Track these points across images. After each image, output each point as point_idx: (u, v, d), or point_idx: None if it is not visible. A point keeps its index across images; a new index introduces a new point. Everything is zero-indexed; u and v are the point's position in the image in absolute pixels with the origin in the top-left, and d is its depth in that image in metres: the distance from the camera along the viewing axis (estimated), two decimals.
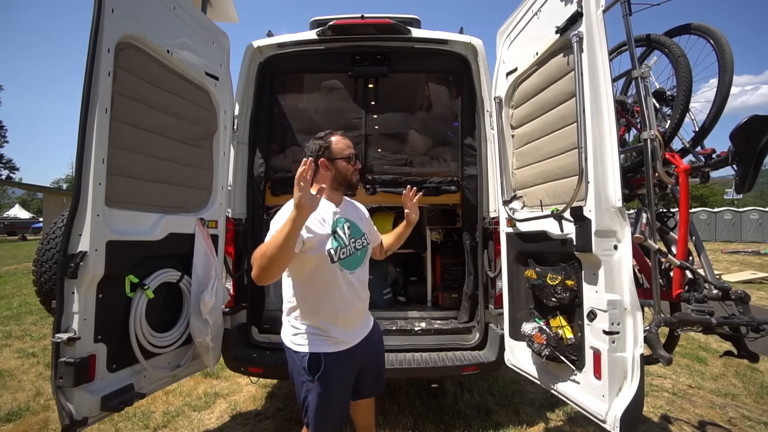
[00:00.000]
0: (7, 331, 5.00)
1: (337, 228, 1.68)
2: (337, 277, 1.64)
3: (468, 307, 2.86)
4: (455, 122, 3.05)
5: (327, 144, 1.73)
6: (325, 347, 1.64)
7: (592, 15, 1.83)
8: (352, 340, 1.71)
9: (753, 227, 21.03)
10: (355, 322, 1.74)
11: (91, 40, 1.73)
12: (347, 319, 1.68)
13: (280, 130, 3.08)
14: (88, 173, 1.74)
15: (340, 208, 1.76)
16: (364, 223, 1.85)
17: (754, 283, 8.70)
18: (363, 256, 1.77)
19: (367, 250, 1.80)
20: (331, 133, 1.77)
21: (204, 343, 2.29)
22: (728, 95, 2.28)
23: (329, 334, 1.65)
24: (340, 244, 1.66)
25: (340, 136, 1.77)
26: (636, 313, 1.77)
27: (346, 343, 1.68)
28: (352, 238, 1.72)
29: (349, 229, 1.73)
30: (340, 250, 1.65)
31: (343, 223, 1.72)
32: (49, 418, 2.82)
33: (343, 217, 1.73)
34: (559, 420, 2.84)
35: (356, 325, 1.74)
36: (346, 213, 1.77)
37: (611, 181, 1.80)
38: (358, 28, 2.81)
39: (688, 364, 3.98)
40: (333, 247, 1.63)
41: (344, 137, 1.78)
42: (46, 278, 2.41)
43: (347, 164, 1.73)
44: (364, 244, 1.78)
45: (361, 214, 1.89)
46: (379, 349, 1.90)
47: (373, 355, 1.84)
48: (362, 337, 1.76)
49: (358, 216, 1.85)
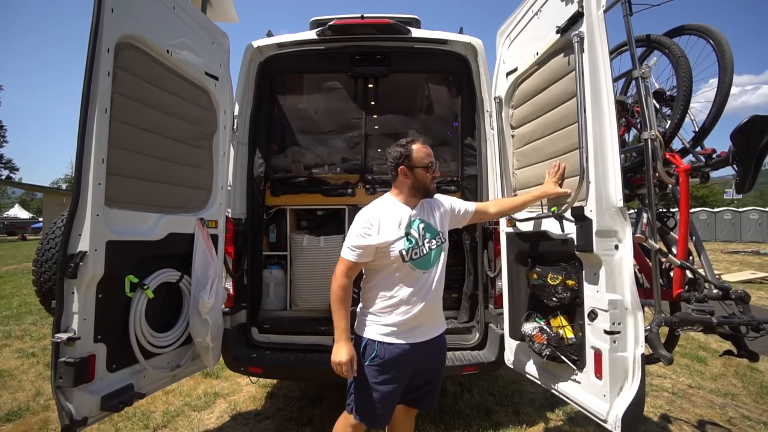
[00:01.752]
0: (7, 331, 4.99)
1: (411, 230, 1.75)
2: (409, 276, 1.72)
3: (468, 307, 2.86)
4: (455, 122, 3.05)
5: (408, 152, 1.79)
6: (383, 336, 1.71)
7: (592, 15, 1.82)
8: (416, 337, 1.75)
9: (753, 227, 21.06)
10: (422, 319, 1.76)
11: (90, 40, 1.73)
12: (414, 316, 1.72)
13: (280, 130, 3.08)
14: (88, 173, 1.74)
15: (416, 209, 1.81)
16: (440, 220, 1.86)
17: (754, 282, 8.71)
18: (438, 256, 1.80)
19: (442, 249, 1.82)
20: (413, 141, 1.82)
21: (204, 343, 2.29)
22: (728, 95, 2.27)
23: (391, 324, 1.71)
24: (412, 244, 1.73)
25: (420, 144, 1.81)
26: (637, 313, 1.77)
27: (408, 339, 1.73)
28: (425, 238, 1.77)
29: (424, 230, 1.79)
30: (412, 250, 1.72)
31: (417, 224, 1.78)
32: (49, 418, 2.82)
33: (418, 219, 1.79)
34: (559, 420, 2.83)
35: (423, 323, 1.77)
36: (421, 214, 1.82)
37: (612, 181, 1.80)
38: (358, 28, 2.81)
39: (688, 363, 3.98)
40: (405, 247, 1.71)
41: (425, 146, 1.82)
42: (46, 278, 2.40)
43: (425, 172, 1.78)
44: (439, 243, 1.81)
45: (438, 210, 1.89)
46: (441, 358, 1.91)
47: (432, 362, 1.85)
48: (428, 338, 1.79)
49: (435, 214, 1.86)
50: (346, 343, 1.70)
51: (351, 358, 1.68)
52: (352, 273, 1.74)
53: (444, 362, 1.94)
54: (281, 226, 3.26)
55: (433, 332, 1.82)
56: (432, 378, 1.87)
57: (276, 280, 3.11)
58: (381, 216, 1.73)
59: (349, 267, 1.72)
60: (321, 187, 3.00)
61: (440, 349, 1.88)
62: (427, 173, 1.78)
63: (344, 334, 1.70)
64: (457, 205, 1.98)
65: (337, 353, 1.69)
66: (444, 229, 1.87)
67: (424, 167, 1.77)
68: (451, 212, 1.94)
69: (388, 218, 1.74)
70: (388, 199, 1.84)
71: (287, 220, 3.22)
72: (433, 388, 1.89)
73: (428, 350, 1.79)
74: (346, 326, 1.71)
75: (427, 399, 1.89)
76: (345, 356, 1.67)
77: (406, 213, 1.78)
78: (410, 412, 1.96)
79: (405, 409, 1.92)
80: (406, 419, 1.96)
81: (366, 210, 1.78)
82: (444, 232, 1.86)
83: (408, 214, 1.78)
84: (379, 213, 1.75)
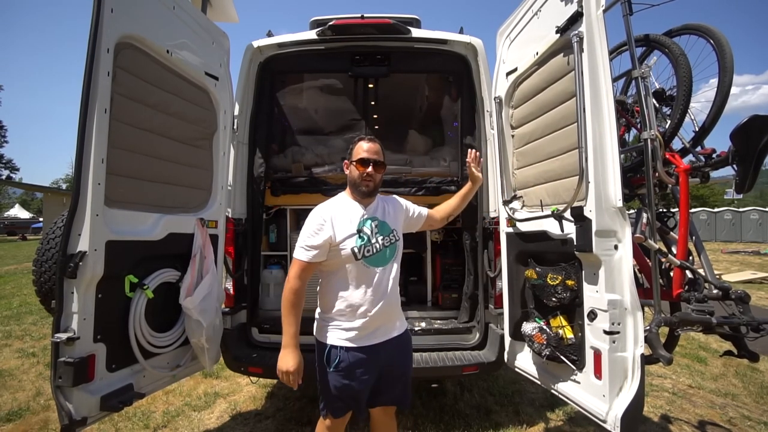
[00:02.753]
0: (7, 331, 5.00)
1: (364, 227, 1.74)
2: (364, 274, 1.71)
3: (468, 307, 2.85)
4: (455, 122, 3.05)
5: (351, 147, 1.83)
6: (344, 341, 1.69)
7: (592, 15, 1.82)
8: (376, 338, 1.73)
9: (753, 227, 21.04)
10: (383, 319, 1.74)
11: (90, 40, 1.73)
12: (374, 317, 1.70)
13: (280, 130, 3.08)
14: (88, 173, 1.74)
15: (369, 207, 1.81)
16: (394, 219, 1.86)
17: (754, 283, 8.70)
18: (392, 253, 1.79)
19: (396, 247, 1.81)
20: (362, 137, 1.84)
21: (199, 344, 2.28)
22: (728, 95, 2.27)
23: (351, 328, 1.69)
24: (364, 242, 1.71)
25: (366, 140, 1.82)
26: (636, 313, 1.77)
27: (371, 340, 1.71)
28: (379, 236, 1.76)
29: (377, 227, 1.77)
30: (364, 247, 1.70)
31: (370, 222, 1.76)
32: (49, 418, 2.82)
33: (370, 217, 1.78)
34: (559, 420, 2.83)
35: (382, 323, 1.75)
36: (375, 212, 1.81)
37: (611, 181, 1.80)
38: (358, 28, 2.80)
39: (688, 364, 3.98)
40: (357, 245, 1.69)
41: (371, 142, 1.82)
42: (46, 278, 2.40)
43: (357, 168, 1.78)
44: (393, 240, 1.80)
45: (392, 209, 1.89)
46: (406, 356, 1.89)
47: (399, 360, 1.83)
48: (389, 337, 1.77)
49: (389, 213, 1.86)
50: (294, 350, 1.66)
51: (298, 367, 1.65)
52: (305, 275, 1.70)
53: (410, 359, 1.92)
54: (281, 226, 3.26)
55: (395, 331, 1.81)
56: (400, 375, 1.85)
57: (276, 280, 3.11)
58: (333, 214, 1.73)
59: (303, 268, 1.69)
60: (321, 187, 3.00)
61: (404, 346, 1.86)
62: (360, 169, 1.76)
63: (292, 340, 1.66)
64: (412, 207, 1.99)
65: (283, 361, 1.64)
66: (398, 227, 1.86)
67: (357, 162, 1.76)
68: (405, 213, 1.95)
69: (339, 216, 1.73)
70: (341, 197, 1.84)
71: (287, 220, 3.22)
72: (404, 386, 1.87)
73: (392, 349, 1.77)
74: (295, 332, 1.67)
75: (399, 397, 1.86)
76: (293, 365, 1.63)
77: (358, 210, 1.77)
78: (388, 410, 1.92)
79: (383, 410, 1.89)
80: (385, 419, 1.92)
81: (318, 208, 1.77)
82: (398, 230, 1.85)
83: (360, 211, 1.77)
84: (331, 211, 1.74)
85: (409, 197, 2.97)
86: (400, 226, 1.90)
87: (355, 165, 1.77)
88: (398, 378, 1.84)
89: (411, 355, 1.94)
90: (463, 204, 2.17)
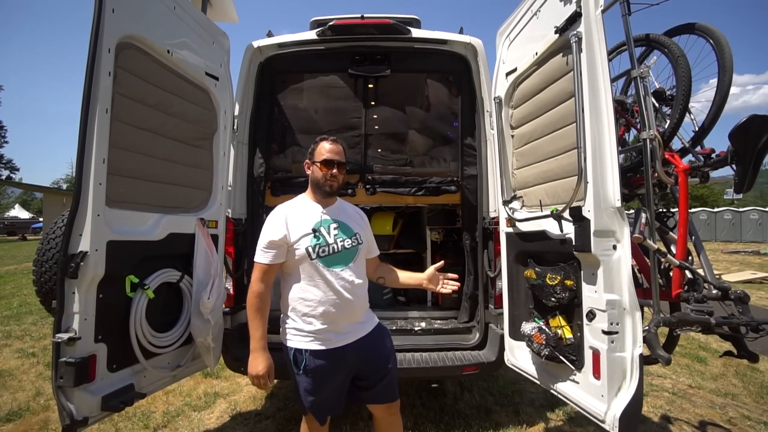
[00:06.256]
0: (7, 331, 5.00)
1: (321, 228, 1.73)
2: (320, 274, 1.69)
3: (468, 307, 2.86)
4: (455, 122, 3.05)
5: (313, 148, 1.82)
6: (308, 343, 1.67)
7: (591, 15, 1.83)
8: (344, 339, 1.71)
9: (753, 227, 21.04)
10: (344, 319, 1.72)
11: (91, 40, 1.73)
12: (334, 317, 1.69)
13: (280, 130, 3.08)
14: (89, 173, 1.74)
15: (329, 209, 1.80)
16: (358, 224, 1.86)
17: (754, 283, 8.70)
18: (353, 255, 1.77)
19: (358, 249, 1.80)
20: (325, 138, 1.83)
21: (205, 344, 2.29)
22: (728, 95, 2.28)
23: (313, 331, 1.68)
24: (319, 242, 1.69)
25: (329, 141, 1.81)
26: (635, 313, 1.77)
27: (337, 342, 1.69)
28: (339, 237, 1.75)
29: (336, 229, 1.76)
30: (319, 248, 1.69)
31: (328, 223, 1.76)
32: (49, 418, 2.82)
33: (329, 218, 1.77)
34: (559, 420, 2.84)
35: (346, 322, 1.73)
36: (336, 215, 1.80)
37: (610, 181, 1.80)
38: (358, 28, 2.81)
39: (688, 364, 3.99)
40: (311, 244, 1.68)
41: (334, 144, 1.81)
42: (46, 278, 2.40)
43: (319, 169, 1.77)
44: (354, 243, 1.78)
45: (356, 217, 1.89)
46: (382, 352, 1.85)
47: (374, 358, 1.80)
48: (357, 337, 1.75)
49: (352, 218, 1.86)
50: (263, 353, 1.66)
51: (269, 370, 1.65)
52: (267, 277, 1.71)
53: (389, 353, 1.87)
54: None
55: (363, 330, 1.78)
56: (381, 370, 1.81)
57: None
58: (288, 213, 1.73)
59: (264, 271, 1.69)
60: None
61: (378, 342, 1.83)
62: (324, 170, 1.75)
63: (260, 343, 1.67)
64: (371, 236, 1.95)
65: (253, 365, 1.66)
66: (362, 232, 1.84)
67: (321, 163, 1.76)
68: (367, 233, 1.91)
69: (296, 216, 1.73)
70: (301, 198, 1.85)
71: None
72: (389, 382, 1.83)
73: (362, 348, 1.75)
74: (262, 335, 1.67)
75: (385, 393, 1.83)
76: (263, 368, 1.64)
77: (317, 211, 1.77)
78: (391, 408, 1.87)
79: (385, 408, 1.86)
80: (389, 417, 1.89)
81: (276, 209, 1.77)
82: (362, 234, 1.83)
83: (318, 212, 1.77)
84: (287, 211, 1.74)
85: (409, 197, 2.99)
86: (365, 232, 1.89)
87: (319, 166, 1.77)
88: (380, 375, 1.81)
89: (390, 350, 1.89)
90: (398, 284, 2.05)
